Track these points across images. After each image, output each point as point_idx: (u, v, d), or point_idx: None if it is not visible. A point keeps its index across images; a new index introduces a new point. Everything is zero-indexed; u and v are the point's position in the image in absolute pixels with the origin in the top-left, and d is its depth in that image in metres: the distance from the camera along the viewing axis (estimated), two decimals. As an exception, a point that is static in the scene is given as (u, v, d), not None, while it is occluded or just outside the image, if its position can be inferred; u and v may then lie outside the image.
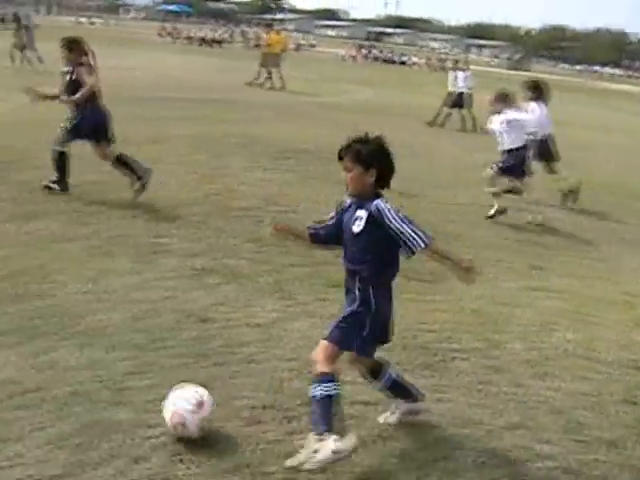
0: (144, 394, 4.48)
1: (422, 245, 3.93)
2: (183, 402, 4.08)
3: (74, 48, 8.89)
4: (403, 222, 3.94)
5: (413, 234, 3.93)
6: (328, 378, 3.91)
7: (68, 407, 4.28)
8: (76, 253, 6.90)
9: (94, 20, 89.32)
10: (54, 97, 8.98)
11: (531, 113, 10.62)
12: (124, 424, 4.14)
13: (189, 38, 61.20)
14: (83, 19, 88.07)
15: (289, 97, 24.07)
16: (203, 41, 59.61)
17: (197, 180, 10.24)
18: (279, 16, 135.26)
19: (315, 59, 55.25)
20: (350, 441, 3.84)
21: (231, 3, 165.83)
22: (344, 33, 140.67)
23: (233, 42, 64.32)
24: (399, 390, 4.46)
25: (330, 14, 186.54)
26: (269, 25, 36.64)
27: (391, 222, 3.94)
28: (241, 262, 7.10)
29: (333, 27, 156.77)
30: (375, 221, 3.98)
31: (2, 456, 3.78)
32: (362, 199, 4.09)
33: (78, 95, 8.62)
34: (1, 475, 3.65)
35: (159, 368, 4.83)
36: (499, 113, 9.95)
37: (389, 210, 3.98)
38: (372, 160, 4.01)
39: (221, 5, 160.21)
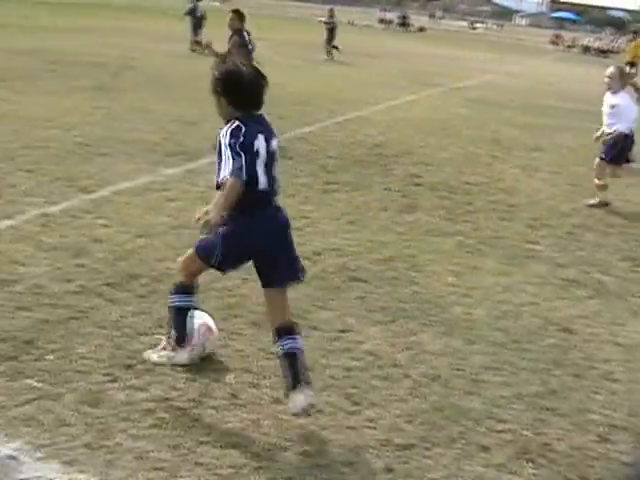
0: (498, 389, 4.54)
1: (220, 177, 3.81)
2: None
3: (236, 18, 11.32)
4: (227, 147, 3.80)
5: (228, 162, 3.77)
6: (183, 289, 4.21)
7: (422, 387, 4.49)
8: (447, 247, 7.16)
9: (477, 25, 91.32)
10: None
11: None
12: (474, 413, 4.24)
13: (577, 46, 59.83)
14: (465, 23, 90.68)
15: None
16: (594, 50, 57.92)
17: (576, 192, 10.01)
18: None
19: None
20: (185, 355, 4.32)
21: (625, 11, 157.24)
22: None
23: (622, 52, 61.50)
24: (289, 368, 3.98)
25: None
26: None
27: (220, 141, 3.86)
28: (612, 279, 6.82)
29: None
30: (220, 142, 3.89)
31: (360, 417, 4.10)
32: None
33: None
34: (356, 434, 3.95)
35: (515, 368, 4.85)
36: None
37: (226, 130, 3.85)
38: (217, 88, 3.98)
39: (614, 13, 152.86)
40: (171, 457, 3.57)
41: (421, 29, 63.53)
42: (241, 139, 3.78)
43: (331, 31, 27.63)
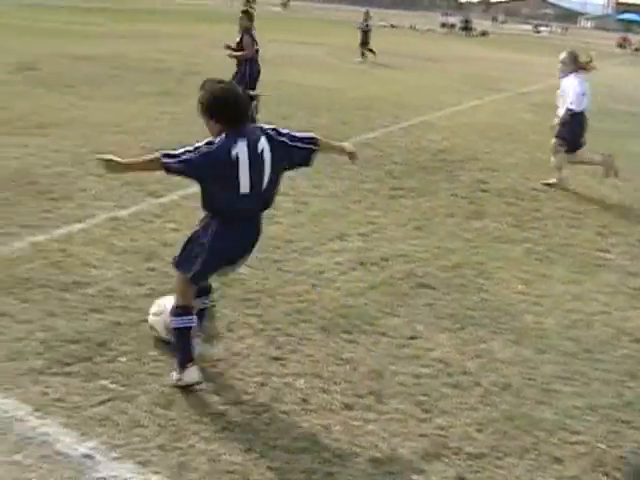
0: (570, 399, 4.46)
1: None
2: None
3: (246, 17, 12.13)
4: (193, 147, 4.03)
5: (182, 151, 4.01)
6: (180, 311, 4.22)
7: (493, 395, 4.43)
8: (515, 255, 7.06)
9: (541, 29, 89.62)
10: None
11: None
12: (546, 423, 4.17)
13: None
14: (528, 27, 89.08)
15: None
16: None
17: (644, 199, 9.80)
18: None
19: None
20: (194, 374, 4.17)
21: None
22: None
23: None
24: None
25: None
26: None
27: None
28: (686, 289, 6.64)
29: None
30: None
31: (431, 425, 4.06)
32: None
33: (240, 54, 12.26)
34: (428, 441, 3.92)
35: (587, 378, 4.75)
36: None
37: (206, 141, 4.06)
38: (205, 112, 4.15)
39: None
40: (242, 461, 3.59)
41: (484, 33, 62.89)
42: (210, 148, 4.02)
43: (365, 33, 27.52)
